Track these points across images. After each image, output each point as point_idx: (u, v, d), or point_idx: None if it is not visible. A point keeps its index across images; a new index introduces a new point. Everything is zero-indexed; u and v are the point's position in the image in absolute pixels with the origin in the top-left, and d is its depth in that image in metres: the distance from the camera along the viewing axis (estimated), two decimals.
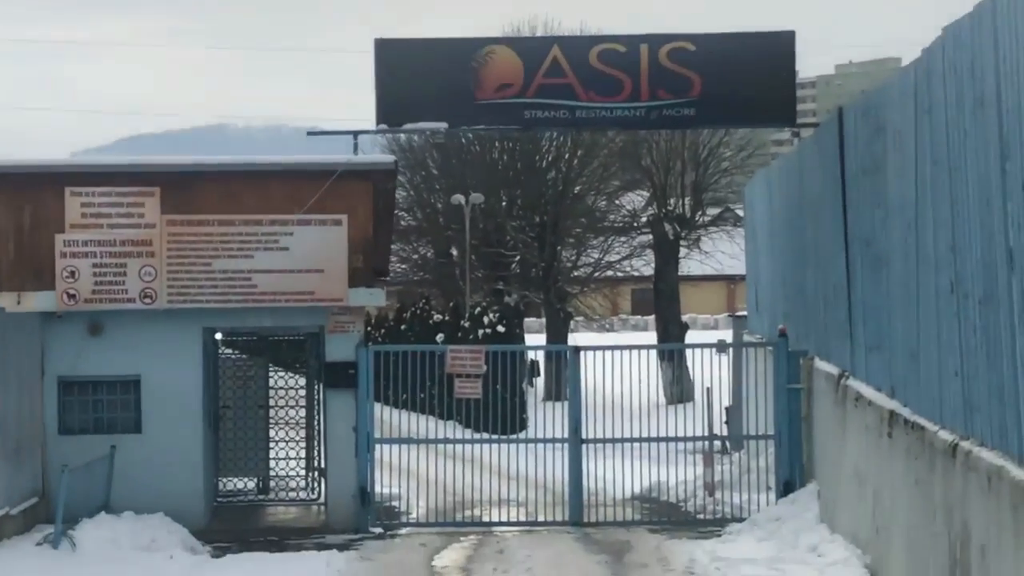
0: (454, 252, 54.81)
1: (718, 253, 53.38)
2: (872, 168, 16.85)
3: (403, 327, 50.35)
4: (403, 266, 56.71)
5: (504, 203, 53.34)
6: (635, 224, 52.57)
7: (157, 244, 22.31)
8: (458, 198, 49.04)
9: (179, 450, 22.65)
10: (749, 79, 22.43)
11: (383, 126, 22.27)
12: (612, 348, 23.51)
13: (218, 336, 24.82)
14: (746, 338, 29.31)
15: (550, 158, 52.01)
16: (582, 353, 23.23)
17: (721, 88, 22.46)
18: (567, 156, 51.92)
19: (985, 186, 11.92)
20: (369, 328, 53.57)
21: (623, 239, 53.32)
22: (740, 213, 51.35)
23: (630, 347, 23.74)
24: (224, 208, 22.42)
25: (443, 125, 22.75)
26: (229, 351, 27.06)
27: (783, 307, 24.90)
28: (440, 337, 43.74)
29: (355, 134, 22.70)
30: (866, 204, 17.16)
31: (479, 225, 51.79)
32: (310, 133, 22.81)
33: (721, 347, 26.02)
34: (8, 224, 22.42)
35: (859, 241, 17.55)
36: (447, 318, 47.35)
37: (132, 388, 22.74)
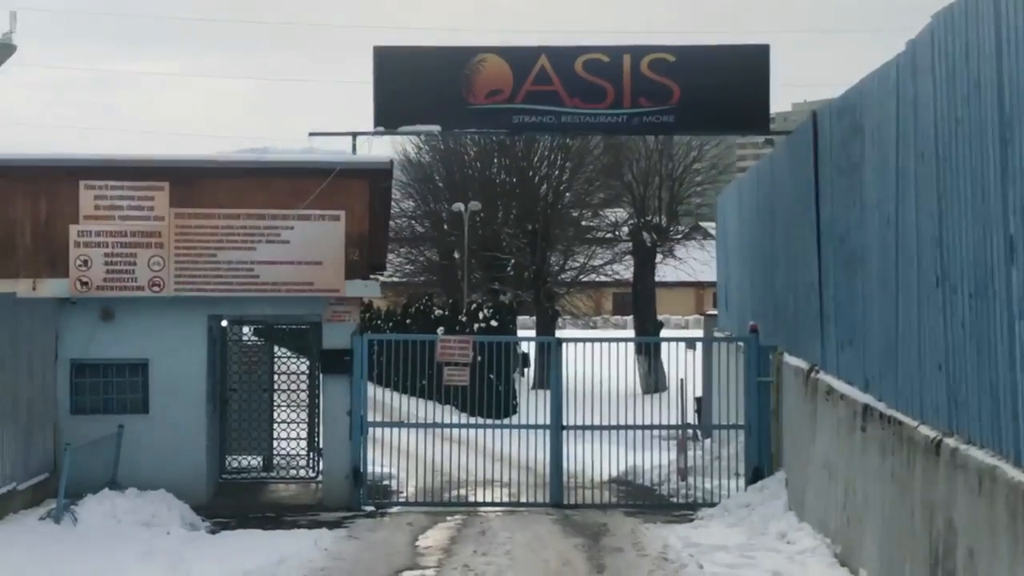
0: (456, 255, 52.89)
1: (690, 260, 51.46)
2: (848, 168, 14.70)
3: (408, 321, 48.33)
4: (410, 267, 55.00)
5: (500, 213, 51.80)
6: (616, 234, 50.65)
7: (165, 235, 20.21)
8: (458, 206, 47.31)
9: (183, 430, 20.49)
10: (725, 89, 20.53)
11: (380, 128, 20.22)
12: (593, 340, 21.33)
13: (224, 323, 22.59)
14: (716, 335, 27.08)
15: (542, 172, 50.20)
16: (564, 345, 21.05)
17: (699, 97, 20.59)
18: (557, 173, 50.16)
19: (981, 175, 9.71)
20: (379, 321, 51.77)
21: (605, 248, 51.32)
22: (709, 229, 49.73)
23: (609, 340, 21.65)
24: (229, 202, 20.39)
25: (436, 128, 20.77)
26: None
27: (752, 306, 22.92)
28: (440, 330, 41.50)
29: (354, 135, 20.77)
30: (841, 203, 15.05)
31: (478, 232, 50.27)
32: (311, 134, 20.71)
33: (693, 342, 23.89)
34: (25, 214, 20.31)
35: (833, 240, 15.50)
36: (447, 313, 45.35)
37: (141, 371, 20.61)
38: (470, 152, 51.52)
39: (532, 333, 51.39)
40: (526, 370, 46.62)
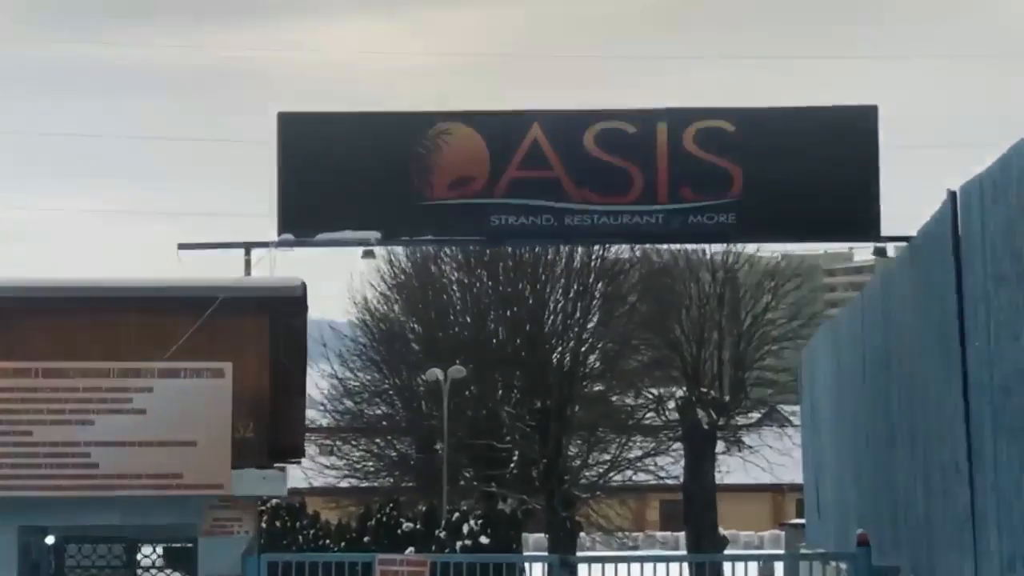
0: (439, 446, 50.70)
1: (764, 450, 50.54)
2: (1017, 272, 13.01)
3: (366, 539, 45.84)
4: (373, 464, 53.00)
5: (500, 386, 50.18)
6: (661, 413, 49.58)
7: None
8: (434, 373, 45.09)
9: None
10: (811, 173, 18.78)
11: (287, 236, 18.18)
12: (618, 560, 19.30)
13: (50, 540, 19.90)
14: (804, 551, 25.38)
15: (556, 328, 49.01)
16: (577, 567, 18.77)
17: (771, 185, 18.83)
18: (576, 329, 48.94)
19: None
20: (326, 540, 49.07)
21: (645, 434, 50.14)
22: (788, 414, 48.35)
23: (644, 558, 19.64)
24: (53, 351, 18.58)
25: (374, 235, 19.02)
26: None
27: (858, 508, 22.30)
28: (410, 551, 39.11)
29: (247, 247, 18.39)
30: (1006, 332, 13.43)
31: (467, 412, 48.62)
32: (181, 246, 18.32)
33: (771, 561, 21.65)
34: None
35: (990, 393, 14.04)
36: (419, 527, 43.00)
37: None
38: (456, 302, 50.26)
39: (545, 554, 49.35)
40: None
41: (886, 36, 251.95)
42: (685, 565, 34.56)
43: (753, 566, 21.18)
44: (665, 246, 42.76)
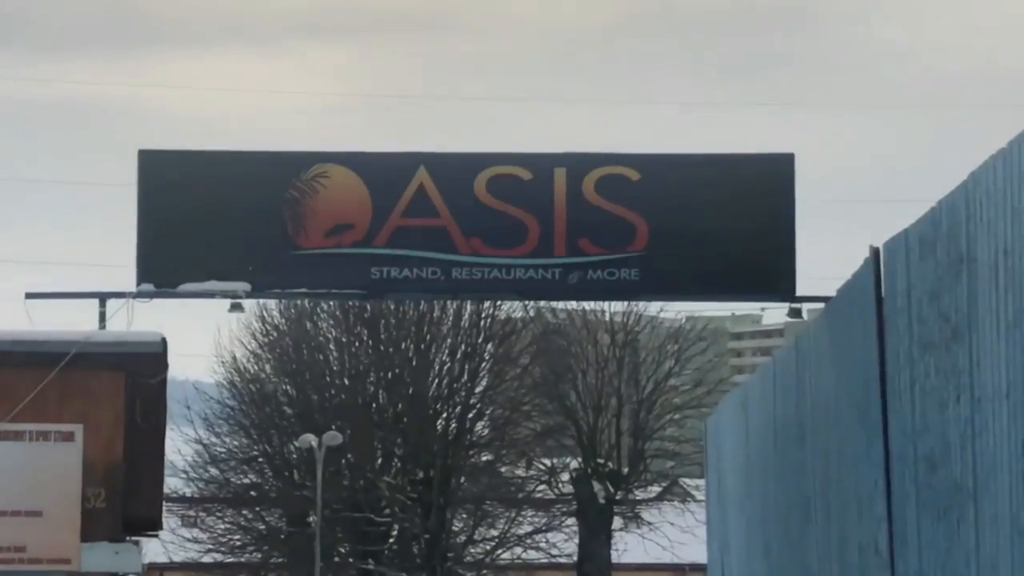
0: (312, 519, 50.66)
1: (665, 527, 50.61)
2: (943, 337, 12.90)
3: None
4: (240, 537, 53.18)
5: (379, 454, 50.81)
6: (554, 486, 50.14)
7: None
8: (308, 439, 45.03)
9: None
10: (722, 225, 18.97)
11: (146, 286, 18.04)
12: None
13: None
14: None
15: (441, 392, 49.57)
16: None
17: (678, 239, 19.07)
18: (463, 393, 49.51)
19: None
20: None
21: (536, 508, 50.74)
22: (693, 488, 48.53)
23: None
24: None
25: (243, 286, 19.03)
26: None
27: None
28: None
29: (102, 298, 18.24)
30: (931, 401, 13.32)
31: (343, 482, 49.13)
32: (29, 295, 18.14)
33: None
34: None
35: (914, 467, 13.94)
36: None
37: None
38: (332, 362, 50.60)
39: None
40: None
41: (808, 85, 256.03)
42: None
43: None
44: (561, 304, 43.12)
